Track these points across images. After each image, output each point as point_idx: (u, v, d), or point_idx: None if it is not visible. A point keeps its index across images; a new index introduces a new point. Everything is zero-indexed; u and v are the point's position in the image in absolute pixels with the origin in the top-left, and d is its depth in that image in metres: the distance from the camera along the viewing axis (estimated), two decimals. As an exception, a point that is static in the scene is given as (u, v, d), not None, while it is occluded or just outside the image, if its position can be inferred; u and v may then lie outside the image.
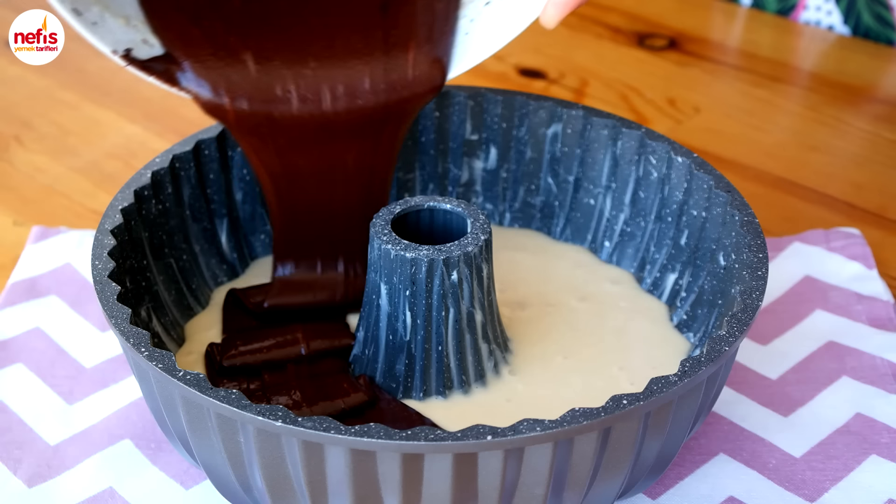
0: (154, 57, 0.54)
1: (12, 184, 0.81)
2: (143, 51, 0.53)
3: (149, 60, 0.54)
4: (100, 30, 0.51)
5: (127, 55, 0.53)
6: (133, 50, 0.53)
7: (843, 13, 0.99)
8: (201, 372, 0.56)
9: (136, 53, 0.53)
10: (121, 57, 0.52)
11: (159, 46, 0.54)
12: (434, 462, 0.44)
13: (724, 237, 0.57)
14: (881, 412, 0.59)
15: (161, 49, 0.54)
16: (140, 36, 0.53)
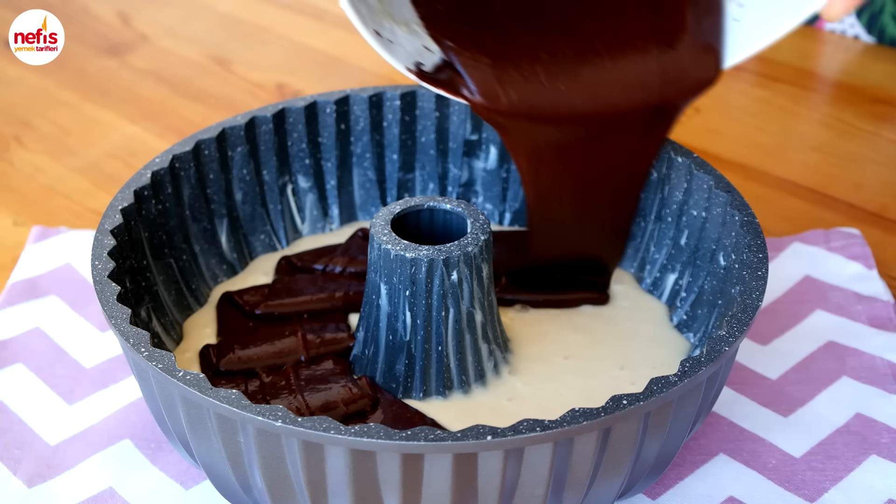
0: (437, 66, 0.54)
1: (12, 184, 0.81)
2: (428, 59, 0.53)
3: (435, 72, 0.54)
4: (394, 48, 0.51)
5: (419, 70, 0.53)
6: (423, 64, 0.53)
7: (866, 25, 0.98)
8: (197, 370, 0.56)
9: (425, 67, 0.53)
10: (415, 73, 0.52)
11: (438, 49, 0.54)
12: (434, 462, 0.44)
13: (724, 237, 0.57)
14: (881, 412, 0.59)
15: (439, 53, 0.54)
16: (421, 42, 0.53)
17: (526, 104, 0.55)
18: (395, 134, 0.67)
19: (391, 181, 0.68)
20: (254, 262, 0.66)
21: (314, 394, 0.55)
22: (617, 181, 0.59)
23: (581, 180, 0.58)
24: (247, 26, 1.04)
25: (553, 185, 0.58)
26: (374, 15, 0.50)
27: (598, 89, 0.55)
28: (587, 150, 0.57)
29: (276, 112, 0.64)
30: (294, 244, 0.67)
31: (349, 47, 0.98)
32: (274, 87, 0.93)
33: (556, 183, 0.58)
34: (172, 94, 0.92)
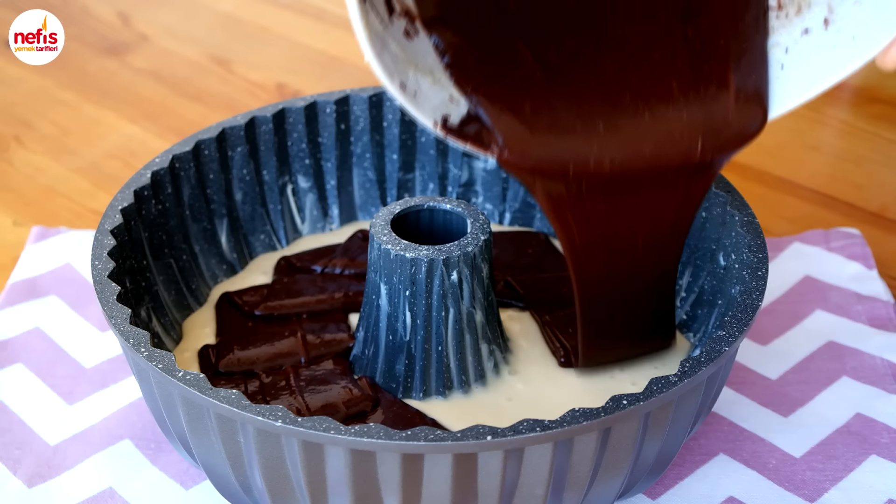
0: (463, 119, 0.50)
1: (12, 184, 0.81)
2: (454, 112, 0.50)
3: (461, 125, 0.50)
4: (420, 99, 0.48)
5: (445, 125, 0.49)
6: (448, 118, 0.49)
7: None
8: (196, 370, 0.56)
9: (451, 121, 0.50)
10: (441, 128, 0.49)
11: (464, 101, 0.50)
12: (434, 462, 0.44)
13: (724, 237, 0.57)
14: (881, 412, 0.59)
15: (465, 105, 0.50)
16: (447, 92, 0.50)
17: (559, 160, 0.51)
18: (395, 134, 0.67)
19: (391, 181, 0.68)
20: (253, 262, 0.65)
21: (314, 395, 0.55)
22: (658, 240, 0.54)
23: (620, 241, 0.54)
24: (247, 26, 1.04)
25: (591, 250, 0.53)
26: (398, 65, 0.47)
27: (636, 144, 0.51)
28: (625, 208, 0.53)
29: (276, 112, 0.64)
30: (294, 244, 0.67)
31: (349, 47, 0.98)
32: (274, 87, 0.93)
33: (595, 247, 0.53)
34: (172, 94, 0.92)
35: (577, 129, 0.51)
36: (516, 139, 0.50)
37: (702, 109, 0.51)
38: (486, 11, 0.49)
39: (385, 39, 0.47)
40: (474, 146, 0.50)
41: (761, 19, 0.52)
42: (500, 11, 0.49)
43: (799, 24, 0.51)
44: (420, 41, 0.49)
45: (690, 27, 0.50)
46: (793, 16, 0.51)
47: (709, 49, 0.51)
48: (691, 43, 0.51)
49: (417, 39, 0.49)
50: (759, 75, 0.52)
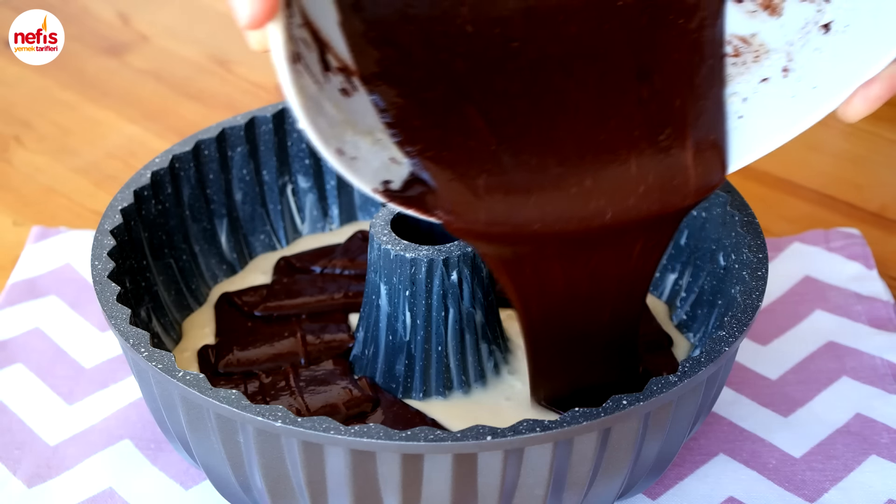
0: (406, 181, 0.46)
1: (12, 184, 0.81)
2: (396, 174, 0.46)
3: (404, 189, 0.46)
4: (358, 165, 0.44)
5: (386, 190, 0.46)
6: (390, 182, 0.46)
7: None
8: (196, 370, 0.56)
9: (393, 185, 0.46)
10: (381, 193, 0.45)
11: (406, 162, 0.46)
12: (434, 462, 0.44)
13: (724, 237, 0.57)
14: (881, 412, 0.59)
15: (408, 165, 0.46)
16: (387, 154, 0.46)
17: (510, 225, 0.48)
18: (395, 134, 0.67)
19: (391, 181, 0.68)
20: (253, 262, 0.65)
21: (314, 395, 0.55)
22: (617, 296, 0.51)
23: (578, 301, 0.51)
24: (247, 26, 1.04)
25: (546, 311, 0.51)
26: (335, 128, 0.44)
27: (591, 206, 0.48)
28: (581, 269, 0.50)
29: (276, 112, 0.64)
30: (294, 244, 0.67)
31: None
32: (274, 87, 0.93)
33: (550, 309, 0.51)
34: (172, 94, 0.92)
35: (530, 194, 0.48)
36: (464, 204, 0.47)
37: (659, 168, 0.48)
38: (433, 71, 0.46)
39: (320, 102, 0.43)
40: (418, 211, 0.47)
41: (717, 69, 0.49)
42: (449, 72, 0.46)
43: (757, 73, 0.49)
44: (358, 99, 0.45)
45: (645, 87, 0.48)
46: (750, 63, 0.49)
47: (664, 108, 0.48)
48: (646, 103, 0.48)
49: (356, 97, 0.45)
50: (716, 127, 0.49)
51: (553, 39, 0.47)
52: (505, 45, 0.46)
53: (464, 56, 0.46)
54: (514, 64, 0.47)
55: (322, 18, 0.43)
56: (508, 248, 0.49)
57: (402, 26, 0.45)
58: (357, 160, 0.45)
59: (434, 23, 0.45)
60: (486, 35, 0.46)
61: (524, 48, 0.47)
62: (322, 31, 0.44)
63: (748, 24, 0.48)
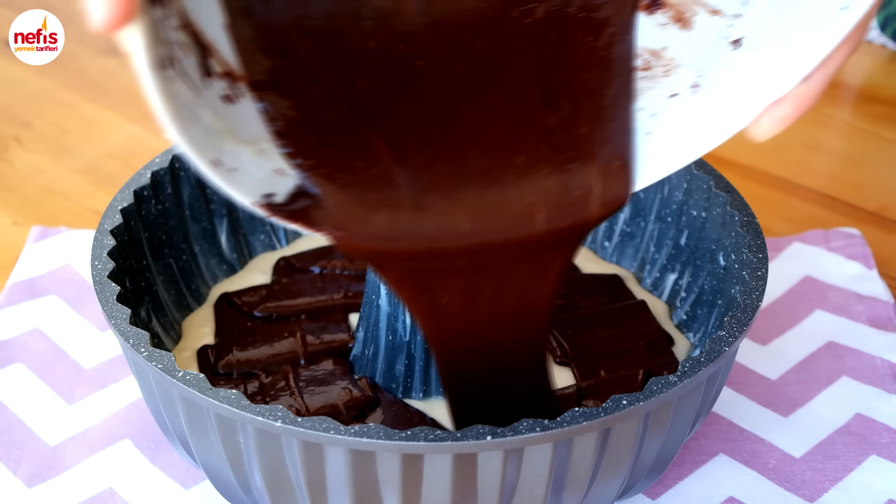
0: (292, 195, 0.44)
1: (12, 184, 0.81)
2: (281, 187, 0.43)
3: (289, 202, 0.43)
4: (238, 176, 0.41)
5: (268, 203, 0.43)
6: (273, 195, 0.43)
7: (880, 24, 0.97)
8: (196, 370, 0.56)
9: (276, 198, 0.43)
10: (263, 207, 0.42)
11: (293, 174, 0.44)
12: (434, 462, 0.44)
13: (724, 237, 0.57)
14: (881, 412, 0.59)
15: (294, 177, 0.44)
16: (272, 165, 0.43)
17: (405, 244, 0.46)
18: (395, 134, 0.67)
19: (391, 181, 0.68)
20: (253, 262, 0.65)
21: (313, 395, 0.55)
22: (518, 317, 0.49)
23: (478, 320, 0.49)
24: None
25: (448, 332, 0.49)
26: (212, 138, 0.40)
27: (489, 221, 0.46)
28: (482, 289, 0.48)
29: (275, 112, 0.64)
30: (293, 244, 0.67)
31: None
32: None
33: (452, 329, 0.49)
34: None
35: (428, 213, 0.46)
36: (356, 222, 0.45)
37: (562, 189, 0.47)
38: (332, 89, 0.44)
39: (195, 110, 0.40)
40: (304, 226, 0.44)
41: (627, 83, 0.47)
42: (350, 91, 0.44)
43: (667, 87, 0.47)
44: (243, 107, 0.42)
45: (552, 115, 0.46)
46: (660, 77, 0.47)
47: (571, 136, 0.47)
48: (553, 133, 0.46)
49: (240, 104, 0.42)
50: (623, 145, 0.47)
51: (459, 58, 0.45)
52: (409, 63, 0.44)
53: (366, 74, 0.44)
54: (420, 85, 0.45)
55: (206, 20, 0.41)
56: (402, 265, 0.47)
57: (298, 38, 0.43)
58: (237, 172, 0.41)
59: (333, 37, 0.43)
60: (390, 52, 0.44)
61: (430, 68, 0.45)
62: (205, 33, 0.41)
63: (659, 38, 0.47)
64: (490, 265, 0.47)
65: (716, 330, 0.53)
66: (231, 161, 0.41)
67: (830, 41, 0.41)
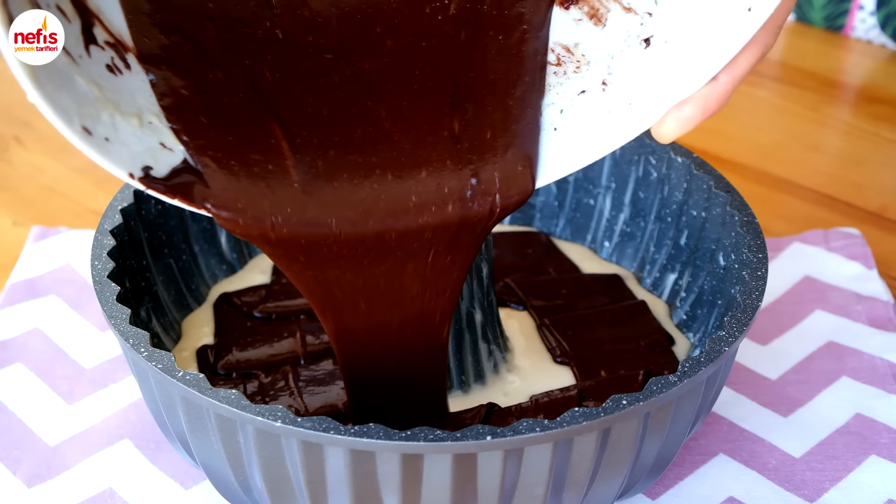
0: (175, 169, 0.43)
1: (12, 184, 0.81)
2: (163, 161, 0.42)
3: (170, 177, 0.42)
4: (113, 147, 0.40)
5: (146, 176, 0.41)
6: (152, 168, 0.42)
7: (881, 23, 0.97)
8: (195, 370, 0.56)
9: (156, 171, 0.42)
10: (139, 179, 0.41)
11: (180, 149, 0.42)
12: (434, 462, 0.44)
13: (724, 237, 0.57)
14: (881, 412, 0.59)
15: (182, 153, 0.42)
16: (157, 138, 0.42)
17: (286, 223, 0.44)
18: (395, 134, 0.67)
19: (391, 181, 0.68)
20: (252, 261, 0.65)
21: (313, 395, 0.55)
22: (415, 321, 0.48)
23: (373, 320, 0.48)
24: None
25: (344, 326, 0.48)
26: (85, 106, 0.39)
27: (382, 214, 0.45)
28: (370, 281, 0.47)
29: (275, 112, 0.64)
30: (294, 244, 0.67)
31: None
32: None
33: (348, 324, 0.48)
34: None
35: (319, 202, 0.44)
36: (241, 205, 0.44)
37: (460, 182, 0.46)
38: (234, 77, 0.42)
39: (70, 76, 0.39)
40: (183, 201, 0.43)
41: (537, 79, 0.47)
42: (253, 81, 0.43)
43: (577, 84, 0.47)
44: (130, 78, 0.41)
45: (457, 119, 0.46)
46: (571, 73, 0.47)
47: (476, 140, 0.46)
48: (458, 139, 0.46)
49: (128, 75, 0.41)
50: (529, 141, 0.47)
51: (369, 53, 0.44)
52: (318, 56, 0.43)
53: (272, 65, 0.43)
54: (327, 80, 0.44)
55: None
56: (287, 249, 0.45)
57: (199, 20, 0.42)
58: (111, 142, 0.40)
59: (238, 23, 0.42)
60: (298, 43, 0.43)
61: (338, 63, 0.44)
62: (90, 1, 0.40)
63: (573, 33, 0.47)
64: (383, 260, 0.46)
65: (716, 330, 0.53)
66: (105, 131, 0.40)
67: (736, 43, 0.41)
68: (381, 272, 0.47)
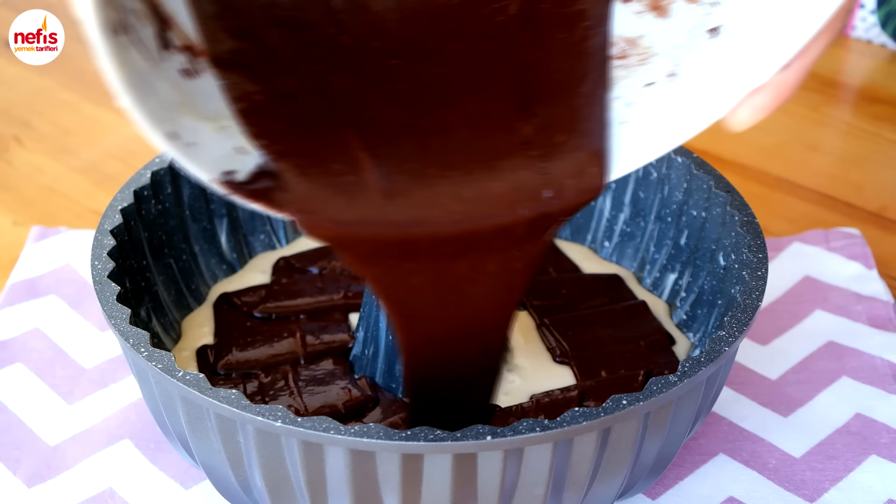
0: (253, 173, 0.42)
1: (12, 184, 0.81)
2: (242, 165, 0.41)
3: (250, 181, 0.42)
4: (197, 152, 0.40)
5: (229, 180, 0.41)
6: (233, 172, 0.41)
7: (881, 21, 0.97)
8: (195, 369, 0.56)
9: (237, 175, 0.41)
10: (222, 184, 0.41)
11: (256, 154, 0.42)
12: (434, 462, 0.44)
13: (724, 237, 0.57)
14: (881, 412, 0.59)
15: (257, 156, 0.42)
16: (232, 142, 0.41)
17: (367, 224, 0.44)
18: (395, 134, 0.67)
19: (391, 181, 0.68)
20: (252, 261, 0.65)
21: (312, 395, 0.55)
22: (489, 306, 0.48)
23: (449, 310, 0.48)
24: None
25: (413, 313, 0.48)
26: (168, 111, 0.39)
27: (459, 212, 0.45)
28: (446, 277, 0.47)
29: (275, 112, 0.64)
30: (293, 243, 0.67)
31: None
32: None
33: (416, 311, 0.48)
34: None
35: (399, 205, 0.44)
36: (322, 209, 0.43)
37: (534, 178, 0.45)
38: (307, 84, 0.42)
39: (151, 81, 0.39)
40: (267, 206, 0.42)
41: (602, 74, 0.46)
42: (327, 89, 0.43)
43: (643, 76, 0.46)
44: (204, 81, 0.41)
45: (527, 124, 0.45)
46: (636, 66, 0.46)
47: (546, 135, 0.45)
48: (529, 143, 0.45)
49: (201, 80, 0.41)
50: (598, 136, 0.46)
51: (434, 58, 0.44)
52: (385, 61, 0.43)
53: (342, 73, 0.43)
54: (397, 87, 0.44)
55: None
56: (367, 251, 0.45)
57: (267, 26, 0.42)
58: (195, 146, 0.40)
59: (305, 29, 0.42)
60: (365, 49, 0.43)
61: (405, 68, 0.44)
62: (164, 4, 0.39)
63: (635, 26, 0.47)
64: (458, 260, 0.46)
65: (716, 330, 0.53)
66: (189, 135, 0.40)
67: (810, 29, 0.40)
68: (456, 272, 0.47)
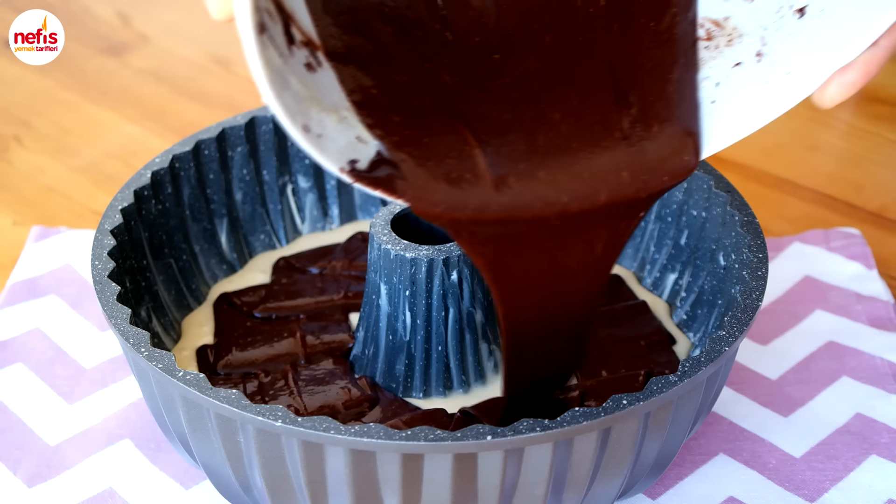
0: (373, 161, 0.44)
1: (12, 184, 0.81)
2: (362, 154, 0.43)
3: (371, 168, 0.44)
4: (325, 143, 0.42)
5: (353, 169, 0.43)
6: (356, 161, 0.43)
7: None
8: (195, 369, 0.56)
9: (359, 164, 0.43)
10: (347, 173, 0.43)
11: (374, 143, 0.44)
12: (434, 462, 0.44)
13: (724, 237, 0.57)
14: (881, 412, 0.59)
15: (375, 145, 0.44)
16: (353, 132, 0.43)
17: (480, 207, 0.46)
18: (395, 134, 0.67)
19: (391, 181, 0.68)
20: (253, 261, 0.65)
21: (312, 395, 0.55)
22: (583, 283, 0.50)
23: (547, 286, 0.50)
24: (247, 26, 1.04)
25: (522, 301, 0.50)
26: (300, 104, 0.41)
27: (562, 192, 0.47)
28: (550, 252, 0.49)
29: (276, 112, 0.64)
30: (293, 243, 0.67)
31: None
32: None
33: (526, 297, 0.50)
34: (172, 94, 0.92)
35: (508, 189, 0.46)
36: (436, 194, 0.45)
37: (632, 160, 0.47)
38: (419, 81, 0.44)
39: (285, 76, 0.41)
40: (387, 193, 0.44)
41: (690, 55, 0.48)
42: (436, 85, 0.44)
43: (730, 57, 0.47)
44: (323, 75, 0.43)
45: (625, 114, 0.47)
46: (723, 47, 0.48)
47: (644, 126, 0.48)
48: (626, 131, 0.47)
49: (321, 73, 0.43)
50: (690, 117, 0.48)
51: (531, 51, 0.46)
52: (487, 56, 0.45)
53: (448, 68, 0.45)
54: (500, 82, 0.45)
55: None
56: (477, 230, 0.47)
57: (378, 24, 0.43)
58: (323, 138, 0.42)
59: (413, 27, 0.44)
60: (468, 44, 0.45)
61: (506, 62, 0.45)
62: (285, 2, 0.41)
63: (721, 8, 0.48)
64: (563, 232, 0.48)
65: (716, 330, 0.53)
66: (317, 127, 0.42)
67: None
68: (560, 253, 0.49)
